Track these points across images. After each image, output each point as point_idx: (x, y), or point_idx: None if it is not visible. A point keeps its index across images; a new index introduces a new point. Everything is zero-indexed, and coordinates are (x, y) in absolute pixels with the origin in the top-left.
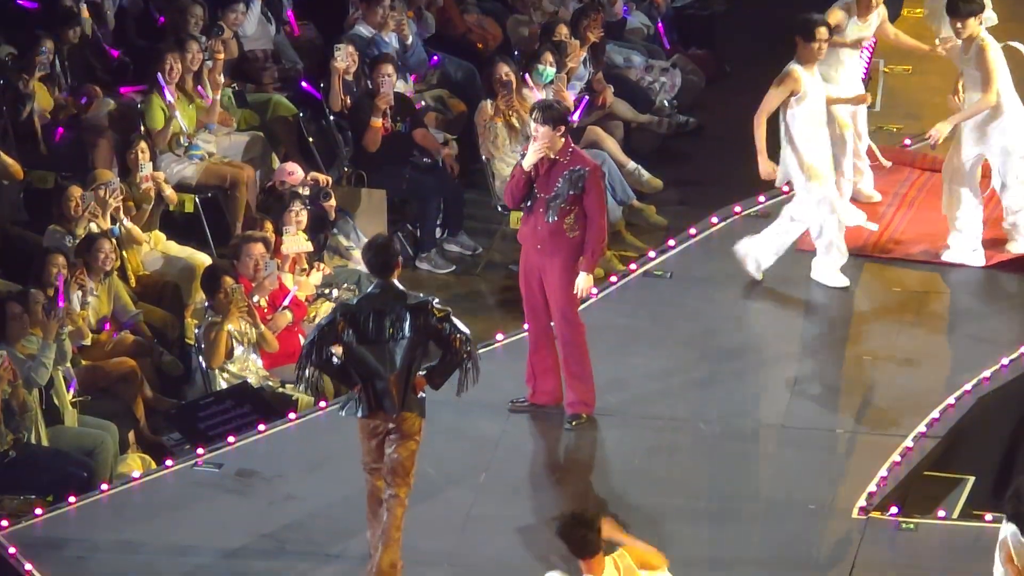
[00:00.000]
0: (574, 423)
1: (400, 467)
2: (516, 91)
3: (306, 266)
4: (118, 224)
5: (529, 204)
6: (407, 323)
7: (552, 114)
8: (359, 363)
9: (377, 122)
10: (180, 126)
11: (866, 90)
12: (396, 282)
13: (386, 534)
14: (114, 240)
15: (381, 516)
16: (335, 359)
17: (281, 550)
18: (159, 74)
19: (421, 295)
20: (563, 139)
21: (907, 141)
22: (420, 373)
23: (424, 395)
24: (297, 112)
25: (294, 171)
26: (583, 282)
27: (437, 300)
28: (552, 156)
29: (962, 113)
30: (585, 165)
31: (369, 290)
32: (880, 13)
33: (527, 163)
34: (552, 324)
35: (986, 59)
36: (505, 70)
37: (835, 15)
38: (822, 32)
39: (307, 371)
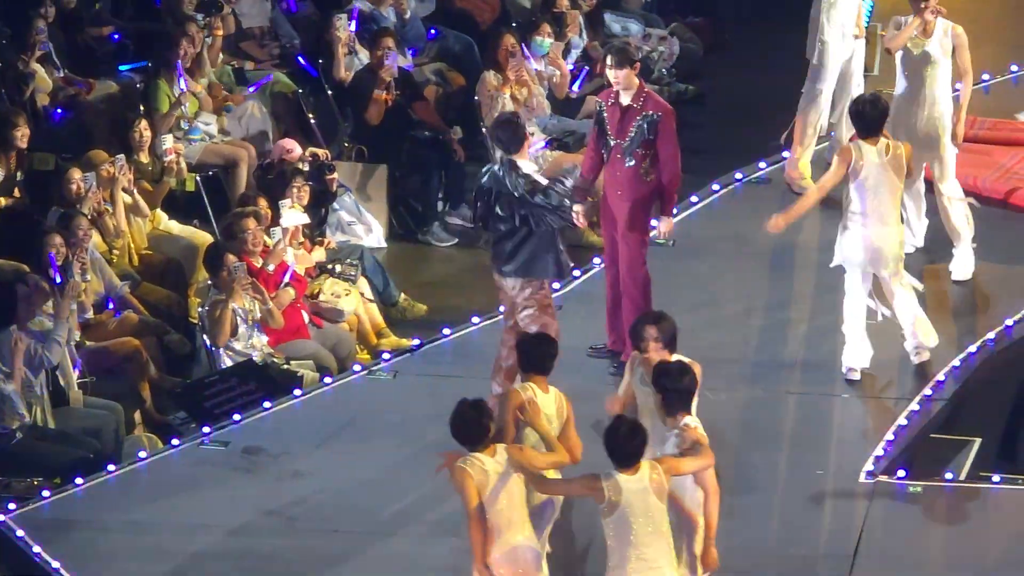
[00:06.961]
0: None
1: None
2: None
3: (302, 239)
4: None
5: (606, 153)
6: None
7: (626, 55)
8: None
9: (380, 95)
10: (182, 111)
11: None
12: (520, 162)
13: None
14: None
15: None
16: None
17: (289, 527)
18: (178, 61)
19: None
20: (638, 80)
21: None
22: None
23: None
24: (296, 88)
25: (292, 148)
26: (664, 226)
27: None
28: (626, 103)
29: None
30: (659, 110)
31: (497, 168)
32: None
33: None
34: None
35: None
36: (511, 41)
37: None
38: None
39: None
